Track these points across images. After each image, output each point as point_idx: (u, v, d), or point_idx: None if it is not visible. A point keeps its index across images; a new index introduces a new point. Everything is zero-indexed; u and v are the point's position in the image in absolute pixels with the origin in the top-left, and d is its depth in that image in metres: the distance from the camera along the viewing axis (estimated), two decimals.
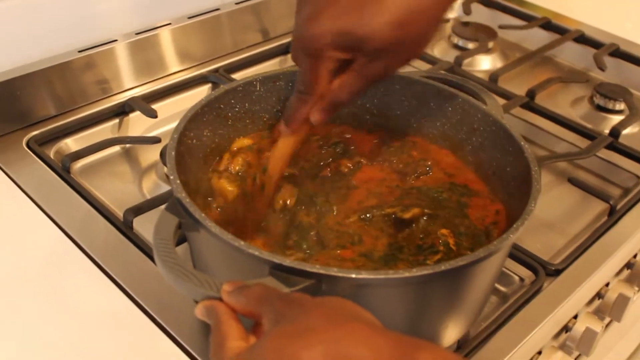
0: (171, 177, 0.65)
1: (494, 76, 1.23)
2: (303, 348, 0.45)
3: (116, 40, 1.10)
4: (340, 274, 0.57)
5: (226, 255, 0.62)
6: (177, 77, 1.16)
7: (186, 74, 1.17)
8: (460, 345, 0.75)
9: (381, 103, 0.87)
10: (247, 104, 0.82)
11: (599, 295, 0.97)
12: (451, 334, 0.70)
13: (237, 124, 0.82)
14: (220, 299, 0.55)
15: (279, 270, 0.57)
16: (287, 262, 0.57)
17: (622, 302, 0.96)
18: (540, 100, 1.19)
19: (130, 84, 1.13)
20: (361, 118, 0.88)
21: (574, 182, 1.02)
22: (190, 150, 0.75)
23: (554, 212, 1.00)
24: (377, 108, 0.87)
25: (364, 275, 0.57)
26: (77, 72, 1.06)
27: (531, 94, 1.18)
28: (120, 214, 0.87)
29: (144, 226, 0.86)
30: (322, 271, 0.57)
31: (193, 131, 0.75)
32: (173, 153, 0.68)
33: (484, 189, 0.80)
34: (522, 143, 0.74)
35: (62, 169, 0.94)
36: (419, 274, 0.57)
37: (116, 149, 1.04)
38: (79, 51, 1.06)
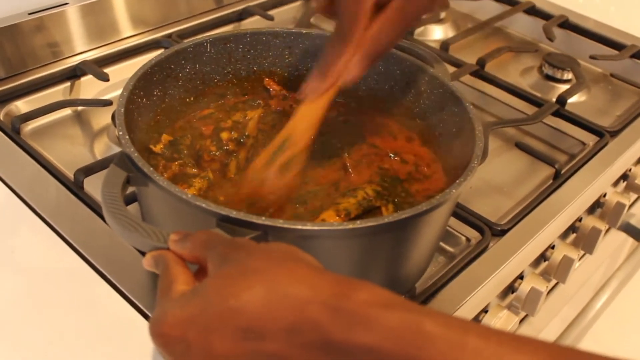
0: (120, 133, 0.66)
1: (445, 45, 1.24)
2: (243, 288, 0.46)
3: (67, 4, 1.09)
4: (286, 225, 0.58)
5: (174, 209, 0.63)
6: (130, 42, 1.15)
7: (139, 39, 1.17)
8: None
9: None
10: (197, 65, 0.83)
11: (544, 257, 0.99)
12: (397, 288, 0.72)
13: (188, 85, 0.83)
14: (168, 249, 0.56)
15: (226, 222, 0.58)
16: (234, 213, 0.58)
17: (567, 263, 0.99)
18: (491, 69, 1.21)
19: (81, 48, 1.12)
20: None
21: (521, 147, 1.05)
22: (140, 109, 0.75)
23: (501, 176, 1.02)
24: None
25: (309, 226, 0.58)
26: (28, 34, 1.05)
27: (481, 62, 1.20)
28: (70, 174, 0.87)
29: (95, 187, 0.86)
30: (268, 222, 0.58)
31: (143, 90, 0.75)
32: (122, 109, 0.69)
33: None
34: (467, 103, 0.76)
35: (12, 130, 0.94)
36: (363, 226, 0.58)
37: (67, 112, 1.04)
38: (29, 13, 1.05)
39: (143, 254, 0.76)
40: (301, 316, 0.45)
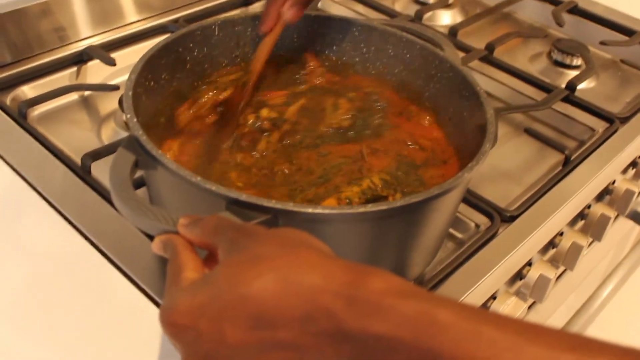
0: (128, 116, 0.65)
1: (453, 30, 1.23)
2: (254, 276, 0.46)
3: None
4: (296, 209, 0.57)
5: (183, 192, 0.62)
6: (136, 27, 1.15)
7: (145, 23, 1.16)
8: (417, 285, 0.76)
9: (340, 50, 0.87)
10: (205, 49, 0.82)
11: (553, 244, 0.99)
12: (407, 273, 0.71)
13: (196, 68, 0.82)
14: (177, 233, 0.55)
15: (235, 205, 0.58)
16: (244, 196, 0.57)
17: (576, 250, 0.98)
18: (499, 55, 1.20)
19: (87, 33, 1.11)
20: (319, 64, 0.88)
21: (530, 132, 1.04)
22: (148, 92, 0.75)
23: (510, 162, 1.01)
24: (336, 55, 0.88)
25: (319, 210, 0.57)
26: (33, 18, 1.04)
27: (490, 47, 1.19)
28: (78, 159, 0.86)
29: (102, 172, 0.85)
30: (278, 206, 0.57)
31: (151, 73, 0.75)
32: (130, 93, 0.68)
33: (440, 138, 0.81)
34: (478, 88, 0.75)
35: (19, 115, 0.93)
36: (374, 209, 0.58)
37: (74, 97, 1.03)
38: None
39: (151, 238, 0.76)
40: (314, 305, 0.44)
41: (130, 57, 1.09)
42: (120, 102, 0.96)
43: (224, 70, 0.85)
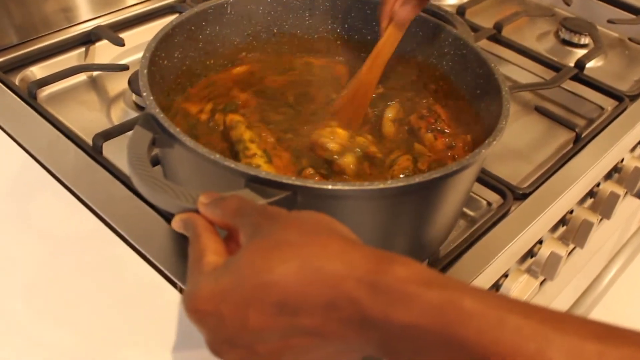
0: (144, 94, 0.65)
1: (461, 9, 1.23)
2: (278, 262, 0.45)
3: None
4: (316, 185, 0.57)
5: (201, 170, 0.62)
6: (144, 7, 1.14)
7: (152, 4, 1.15)
8: (430, 264, 0.77)
9: (352, 28, 0.87)
10: (217, 27, 0.82)
11: (563, 222, 0.99)
12: (422, 251, 0.71)
13: (208, 47, 0.82)
14: (197, 211, 0.55)
15: (255, 182, 0.57)
16: (263, 173, 0.57)
17: (586, 228, 0.99)
18: (507, 34, 1.20)
19: (94, 14, 1.11)
20: (332, 44, 0.88)
21: (541, 110, 1.04)
22: (162, 70, 0.74)
23: (520, 140, 1.01)
24: (348, 34, 0.88)
25: (339, 186, 0.57)
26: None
27: (498, 26, 1.19)
28: (88, 140, 0.86)
29: (113, 152, 0.85)
30: (298, 182, 0.57)
31: (164, 52, 0.75)
32: (145, 71, 0.68)
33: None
34: (493, 65, 0.75)
35: (29, 96, 0.93)
36: (393, 186, 0.58)
37: (82, 77, 1.03)
38: None
39: (165, 217, 0.76)
40: (337, 292, 0.44)
41: (137, 37, 1.09)
42: (130, 82, 0.95)
43: (235, 49, 0.84)
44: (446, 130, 0.78)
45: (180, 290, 0.70)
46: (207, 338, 0.50)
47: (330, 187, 0.57)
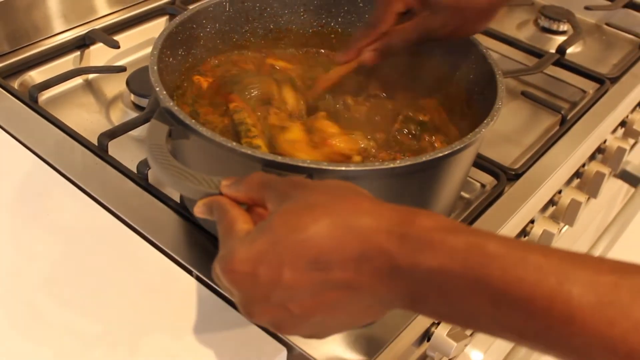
0: (157, 89, 0.67)
1: None
2: (310, 222, 0.49)
3: None
4: (330, 167, 0.60)
5: (217, 159, 0.65)
6: (134, 10, 1.16)
7: (143, 6, 1.17)
8: None
9: (345, 22, 0.90)
10: (217, 25, 0.84)
11: (552, 202, 1.03)
12: None
13: (209, 44, 0.84)
14: (220, 195, 0.58)
15: (271, 167, 0.60)
16: (280, 158, 0.60)
17: (575, 207, 1.02)
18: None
19: (87, 18, 1.12)
20: (326, 37, 0.91)
21: (527, 95, 1.07)
22: (168, 68, 0.77)
23: (509, 125, 1.05)
24: (342, 27, 0.91)
25: (352, 167, 0.61)
26: (25, 7, 1.05)
27: None
28: (93, 140, 0.88)
29: (118, 151, 0.88)
30: (313, 165, 0.60)
31: (169, 49, 0.77)
32: (155, 67, 0.70)
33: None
34: (485, 50, 0.78)
35: (30, 99, 0.95)
36: (403, 165, 0.61)
37: (79, 81, 1.05)
38: None
39: (174, 210, 0.79)
40: (369, 244, 0.47)
41: (130, 39, 1.11)
42: (128, 82, 0.98)
43: (234, 45, 0.87)
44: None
45: (197, 278, 0.72)
46: (240, 300, 0.52)
47: (344, 168, 0.60)
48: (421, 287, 0.47)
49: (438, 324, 0.76)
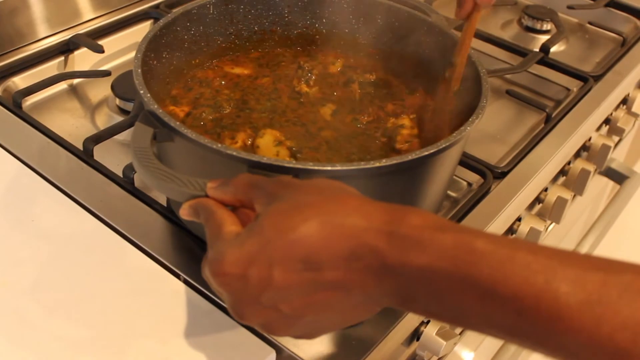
0: (141, 92, 0.67)
1: (427, 2, 1.27)
2: (300, 222, 0.48)
3: None
4: (316, 167, 0.60)
5: (202, 160, 0.65)
6: (118, 14, 1.16)
7: (127, 11, 1.17)
8: None
9: (329, 23, 0.90)
10: (201, 27, 0.84)
11: (539, 200, 1.03)
12: None
13: (193, 47, 0.84)
14: (206, 197, 0.58)
15: (257, 168, 0.60)
16: (265, 159, 0.60)
17: (561, 204, 1.03)
18: None
19: (71, 23, 1.12)
20: (311, 38, 0.91)
21: (512, 94, 1.08)
22: (152, 71, 0.77)
23: (494, 124, 1.05)
24: (326, 28, 0.90)
25: (338, 167, 0.60)
26: (9, 12, 1.05)
27: None
28: (77, 145, 0.88)
29: (104, 156, 0.87)
30: (298, 165, 0.60)
31: (153, 52, 0.77)
32: (139, 70, 0.70)
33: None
34: (469, 49, 0.78)
35: (14, 105, 0.94)
36: (389, 163, 0.61)
37: (63, 86, 1.04)
38: None
39: (160, 213, 0.79)
40: (358, 243, 0.47)
41: (115, 44, 1.11)
42: (113, 87, 0.97)
43: (219, 48, 0.87)
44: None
45: (185, 282, 0.72)
46: (230, 302, 0.52)
47: (329, 168, 0.60)
48: (411, 285, 0.47)
49: (427, 323, 0.77)
